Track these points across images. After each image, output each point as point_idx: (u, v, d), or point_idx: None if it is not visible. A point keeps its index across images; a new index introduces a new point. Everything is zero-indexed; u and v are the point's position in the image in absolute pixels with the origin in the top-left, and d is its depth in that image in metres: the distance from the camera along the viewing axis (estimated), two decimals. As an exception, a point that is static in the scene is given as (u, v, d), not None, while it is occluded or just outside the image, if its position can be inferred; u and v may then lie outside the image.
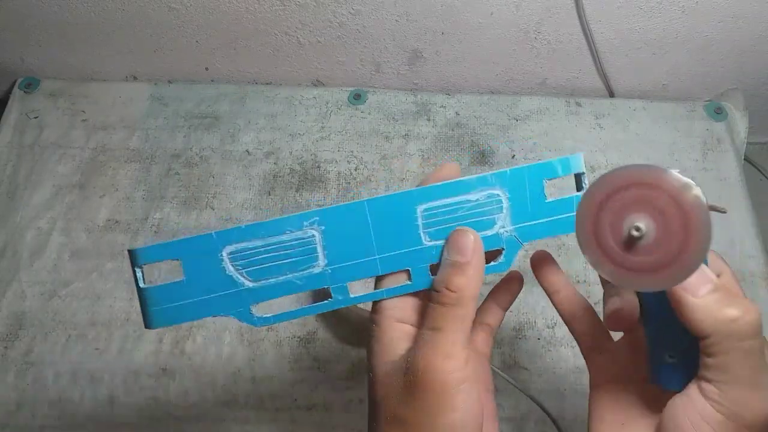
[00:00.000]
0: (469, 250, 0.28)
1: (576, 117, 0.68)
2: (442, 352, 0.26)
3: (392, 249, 0.30)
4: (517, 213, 0.31)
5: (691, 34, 0.62)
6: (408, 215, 0.30)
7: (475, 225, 0.30)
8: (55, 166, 0.63)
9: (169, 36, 0.64)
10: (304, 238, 0.30)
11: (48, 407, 0.52)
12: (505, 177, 0.31)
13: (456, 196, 0.30)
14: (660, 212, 0.25)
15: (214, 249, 0.29)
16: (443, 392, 0.26)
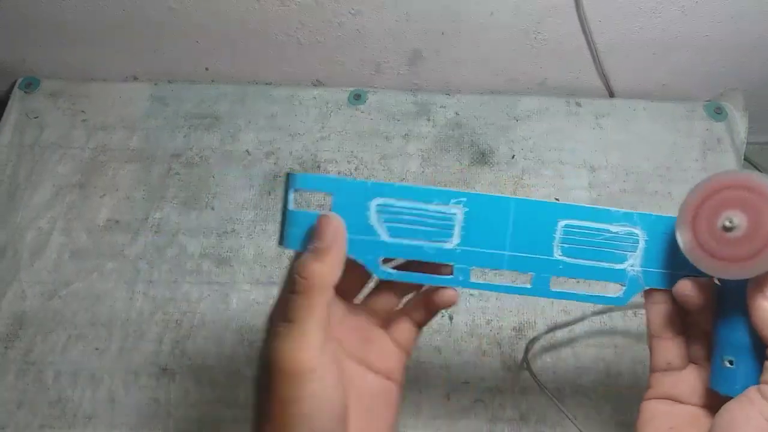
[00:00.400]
0: (329, 237, 0.28)
1: (576, 117, 0.68)
2: (291, 343, 0.26)
3: (523, 251, 0.32)
4: (648, 257, 0.33)
5: (692, 34, 0.62)
6: (549, 225, 0.32)
7: (608, 255, 0.32)
8: (55, 166, 0.63)
9: (170, 36, 0.64)
10: (446, 213, 0.31)
11: (48, 407, 0.52)
12: (648, 220, 0.32)
13: (599, 222, 0.32)
14: (753, 209, 0.28)
15: (364, 196, 0.31)
16: (292, 382, 0.26)
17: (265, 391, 0.27)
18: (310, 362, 0.26)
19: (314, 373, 0.26)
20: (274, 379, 0.26)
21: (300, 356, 0.26)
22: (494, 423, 0.52)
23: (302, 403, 0.26)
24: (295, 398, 0.26)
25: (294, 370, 0.26)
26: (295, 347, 0.26)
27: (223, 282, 0.58)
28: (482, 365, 0.54)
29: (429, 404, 0.52)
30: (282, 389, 0.26)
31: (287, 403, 0.26)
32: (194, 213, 0.61)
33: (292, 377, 0.26)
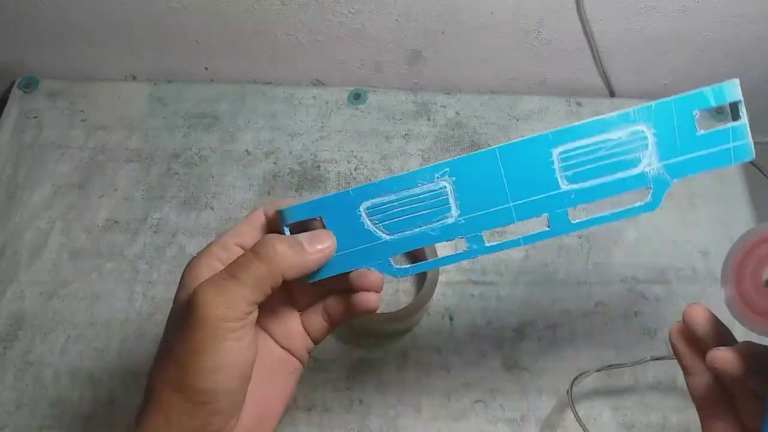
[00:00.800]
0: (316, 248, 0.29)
1: (577, 117, 0.68)
2: (225, 298, 0.27)
3: (527, 195, 0.30)
4: (664, 149, 0.30)
5: (692, 33, 0.62)
6: (543, 159, 0.29)
7: (618, 165, 0.29)
8: (54, 166, 0.63)
9: (169, 36, 0.64)
10: (435, 189, 0.30)
11: (47, 407, 0.52)
12: (650, 112, 0.29)
13: (595, 135, 0.29)
14: None
15: (352, 205, 0.30)
16: (211, 334, 0.26)
17: (177, 332, 0.28)
18: (236, 322, 0.27)
19: (235, 332, 0.27)
20: (194, 325, 0.27)
21: (229, 314, 0.27)
22: (494, 424, 0.52)
23: (215, 356, 0.27)
24: (209, 349, 0.26)
25: (218, 324, 0.26)
26: (228, 304, 0.27)
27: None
28: (482, 366, 0.54)
29: (429, 405, 0.52)
30: (198, 336, 0.27)
31: (199, 352, 0.27)
32: (194, 213, 0.61)
33: (214, 330, 0.26)
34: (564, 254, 0.59)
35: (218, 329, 0.26)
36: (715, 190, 0.63)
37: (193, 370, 0.27)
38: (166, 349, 0.28)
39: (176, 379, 0.27)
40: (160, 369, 0.28)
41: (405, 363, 0.54)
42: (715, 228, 0.61)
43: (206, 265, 0.30)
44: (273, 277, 0.28)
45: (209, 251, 0.30)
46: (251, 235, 0.31)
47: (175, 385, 0.27)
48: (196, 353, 0.27)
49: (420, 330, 0.55)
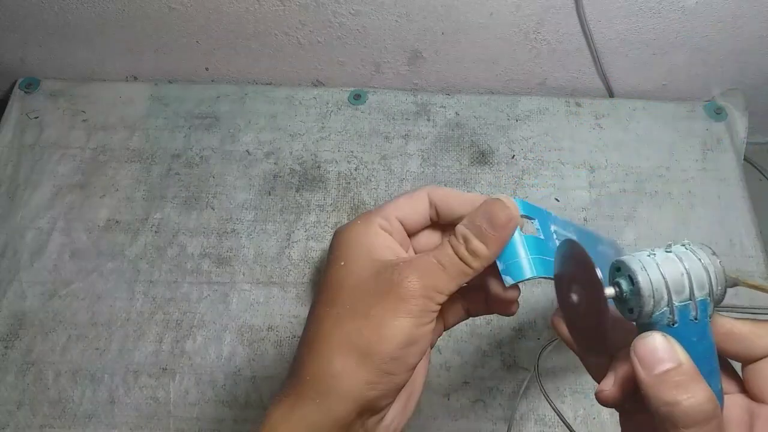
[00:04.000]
0: (501, 224, 0.28)
1: (576, 117, 0.68)
2: (433, 282, 0.27)
3: None
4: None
5: (691, 34, 0.62)
6: None
7: None
8: (55, 166, 0.64)
9: (170, 36, 0.64)
10: None
11: (48, 407, 0.52)
12: None
13: None
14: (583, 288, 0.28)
15: (548, 221, 0.32)
16: (414, 306, 0.27)
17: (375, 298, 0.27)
18: (437, 306, 0.28)
19: (434, 313, 0.28)
20: (404, 295, 0.27)
21: (436, 297, 0.27)
22: (494, 423, 0.52)
23: (416, 329, 0.27)
24: (414, 322, 0.27)
25: (426, 303, 0.27)
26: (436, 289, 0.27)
27: (223, 282, 0.58)
28: (482, 365, 0.54)
29: (429, 404, 0.52)
30: (409, 306, 0.27)
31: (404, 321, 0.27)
32: (194, 213, 0.61)
33: (424, 306, 0.27)
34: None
35: (426, 307, 0.27)
36: (714, 191, 0.63)
37: (393, 338, 0.26)
38: (356, 312, 0.27)
39: (367, 343, 0.26)
40: (338, 329, 0.27)
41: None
42: (714, 228, 0.62)
43: (374, 232, 0.29)
44: (471, 273, 0.28)
45: (371, 219, 0.30)
46: (412, 213, 0.30)
47: (361, 351, 0.26)
48: (399, 319, 0.26)
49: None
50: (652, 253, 0.27)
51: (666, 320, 0.26)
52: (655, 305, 0.25)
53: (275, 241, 0.60)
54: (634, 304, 0.26)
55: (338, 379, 0.26)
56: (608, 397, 0.28)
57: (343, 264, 0.29)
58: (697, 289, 0.26)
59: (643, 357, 0.25)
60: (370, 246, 0.29)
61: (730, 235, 0.61)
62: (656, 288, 0.25)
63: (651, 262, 0.26)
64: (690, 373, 0.24)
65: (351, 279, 0.28)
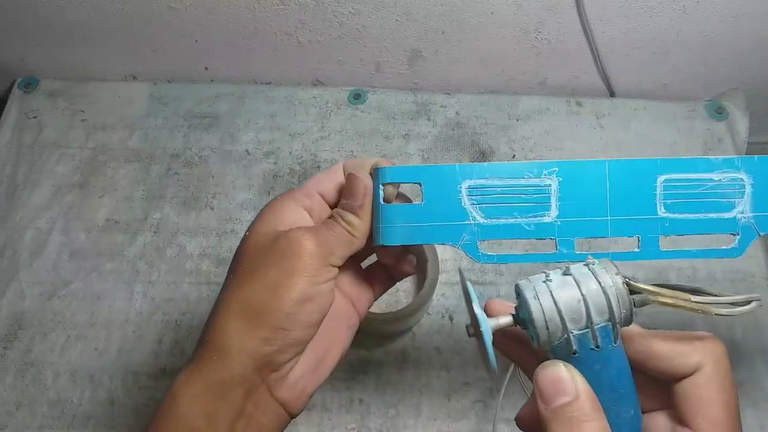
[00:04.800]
0: (359, 193, 0.30)
1: (577, 117, 0.68)
2: (322, 241, 0.29)
3: (626, 213, 0.30)
4: (759, 201, 0.31)
5: (692, 33, 0.62)
6: (647, 183, 0.30)
7: (714, 205, 0.31)
8: (54, 166, 0.63)
9: (169, 35, 0.64)
10: (540, 185, 0.30)
11: (47, 407, 0.52)
12: (753, 163, 0.30)
13: (699, 172, 0.30)
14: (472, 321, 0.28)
15: (454, 180, 0.30)
16: (306, 263, 0.28)
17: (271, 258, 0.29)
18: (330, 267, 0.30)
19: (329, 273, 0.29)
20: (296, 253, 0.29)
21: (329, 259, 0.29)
22: (495, 424, 0.52)
23: (308, 287, 0.28)
24: (305, 280, 0.28)
25: (319, 261, 0.29)
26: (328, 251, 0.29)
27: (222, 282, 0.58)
28: (482, 366, 0.54)
29: (429, 405, 0.52)
30: (299, 265, 0.29)
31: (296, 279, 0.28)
32: (193, 213, 0.61)
33: (315, 264, 0.29)
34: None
35: (315, 263, 0.29)
36: (715, 190, 0.63)
37: (286, 294, 0.28)
38: (251, 274, 0.29)
39: (262, 302, 0.28)
40: (236, 293, 0.29)
41: (405, 363, 0.54)
42: (715, 228, 0.61)
43: (290, 207, 0.31)
44: (357, 241, 0.31)
45: (293, 195, 0.32)
46: (332, 187, 0.33)
47: (258, 307, 0.28)
48: (291, 277, 0.28)
49: (420, 330, 0.55)
50: (547, 279, 0.25)
51: (565, 350, 0.25)
52: (551, 335, 0.24)
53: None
54: (532, 332, 0.25)
55: (233, 336, 0.28)
56: (523, 425, 0.28)
57: (248, 234, 0.31)
58: (596, 314, 0.24)
59: (543, 387, 0.24)
60: (278, 219, 0.31)
61: (731, 235, 0.61)
62: (549, 318, 0.24)
63: (544, 289, 0.25)
64: (586, 407, 0.23)
65: (251, 246, 0.30)
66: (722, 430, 0.25)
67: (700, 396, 0.25)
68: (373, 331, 0.54)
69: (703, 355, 0.26)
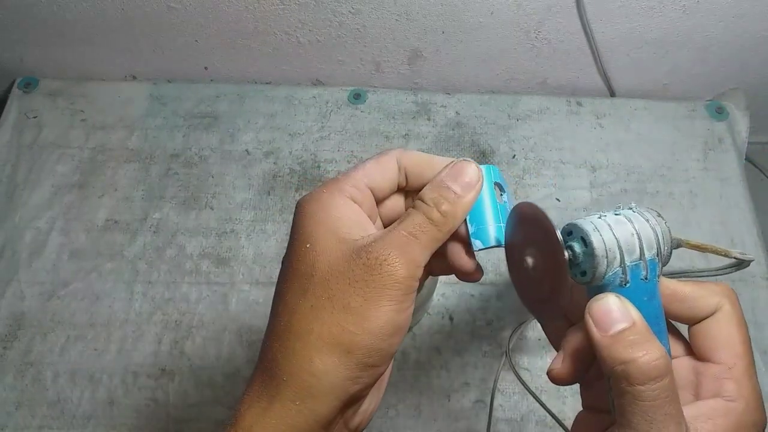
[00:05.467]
0: (469, 183, 0.27)
1: (577, 117, 0.68)
2: (410, 257, 0.26)
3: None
4: None
5: (693, 33, 0.62)
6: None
7: None
8: (54, 166, 0.63)
9: (169, 35, 0.64)
10: None
11: (47, 407, 0.52)
12: None
13: None
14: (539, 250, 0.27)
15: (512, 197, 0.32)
16: (397, 292, 0.25)
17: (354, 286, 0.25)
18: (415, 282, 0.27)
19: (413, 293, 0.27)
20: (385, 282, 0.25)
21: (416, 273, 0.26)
22: (494, 424, 0.52)
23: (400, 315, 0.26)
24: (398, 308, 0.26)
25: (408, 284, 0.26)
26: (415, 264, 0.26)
27: (222, 282, 0.58)
28: (483, 366, 0.54)
29: (429, 405, 0.52)
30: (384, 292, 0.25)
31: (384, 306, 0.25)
32: (193, 213, 0.61)
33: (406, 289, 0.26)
34: (564, 254, 0.59)
35: (406, 289, 0.26)
36: (716, 190, 0.63)
37: (376, 328, 0.25)
38: (334, 304, 0.25)
39: (350, 338, 0.25)
40: (315, 323, 0.25)
41: (405, 363, 0.54)
42: (715, 228, 0.61)
43: (344, 204, 0.27)
44: (443, 238, 0.27)
45: (341, 186, 0.28)
46: (382, 180, 0.29)
47: (344, 346, 0.25)
48: (380, 310, 0.25)
49: (420, 330, 0.55)
50: (603, 215, 0.27)
51: (618, 281, 0.26)
52: (608, 266, 0.26)
53: (275, 241, 0.60)
54: (588, 266, 0.26)
55: (320, 378, 0.25)
56: (560, 374, 0.28)
57: (309, 246, 0.26)
58: (647, 249, 0.26)
59: (598, 318, 0.25)
60: (336, 222, 0.27)
61: (731, 234, 0.61)
62: (609, 248, 0.26)
63: (603, 223, 0.26)
64: (643, 331, 0.24)
65: (321, 265, 0.26)
66: (743, 362, 0.26)
67: (721, 331, 0.27)
68: (373, 331, 0.54)
69: (722, 296, 0.27)
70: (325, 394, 0.25)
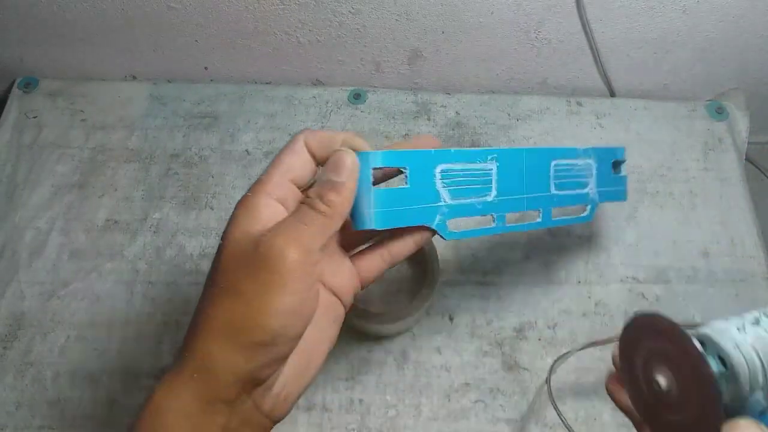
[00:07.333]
0: (346, 171, 0.30)
1: (577, 117, 0.68)
2: (299, 242, 0.28)
3: (533, 191, 0.37)
4: (599, 179, 0.42)
5: (693, 33, 0.62)
6: (546, 167, 0.38)
7: (579, 183, 0.41)
8: (54, 166, 0.63)
9: (169, 35, 0.64)
10: (486, 170, 0.35)
11: (47, 408, 0.52)
12: (595, 152, 0.42)
13: (573, 158, 0.40)
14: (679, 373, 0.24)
15: (431, 164, 0.32)
16: (285, 275, 0.27)
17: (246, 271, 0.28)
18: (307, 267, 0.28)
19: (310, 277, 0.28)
20: (270, 266, 0.27)
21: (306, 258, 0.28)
22: (494, 424, 0.52)
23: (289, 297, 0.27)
24: (285, 291, 0.27)
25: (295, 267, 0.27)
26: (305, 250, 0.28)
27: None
28: (483, 366, 0.54)
29: (429, 405, 0.52)
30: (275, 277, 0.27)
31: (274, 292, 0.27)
32: (193, 213, 0.61)
33: (292, 272, 0.27)
34: (564, 254, 0.59)
35: (296, 272, 0.27)
36: (716, 190, 0.63)
37: (266, 309, 0.27)
38: (229, 290, 0.28)
39: (242, 318, 0.27)
40: (216, 308, 0.28)
41: (405, 363, 0.54)
42: (715, 228, 0.61)
43: (264, 203, 0.30)
44: (335, 224, 0.29)
45: (264, 188, 0.30)
46: (302, 170, 0.31)
47: (236, 327, 0.27)
48: (271, 293, 0.27)
49: (420, 330, 0.55)
50: (741, 327, 0.24)
51: (760, 408, 0.23)
52: (750, 391, 0.22)
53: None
54: (726, 389, 0.23)
55: (216, 356, 0.27)
56: None
57: (223, 242, 0.30)
58: None
59: None
60: (252, 221, 0.29)
61: (731, 235, 0.61)
62: (753, 373, 0.22)
63: (744, 340, 0.23)
64: None
65: (225, 258, 0.29)
66: None
67: None
68: (373, 331, 0.54)
69: None
70: (221, 371, 0.27)
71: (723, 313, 0.32)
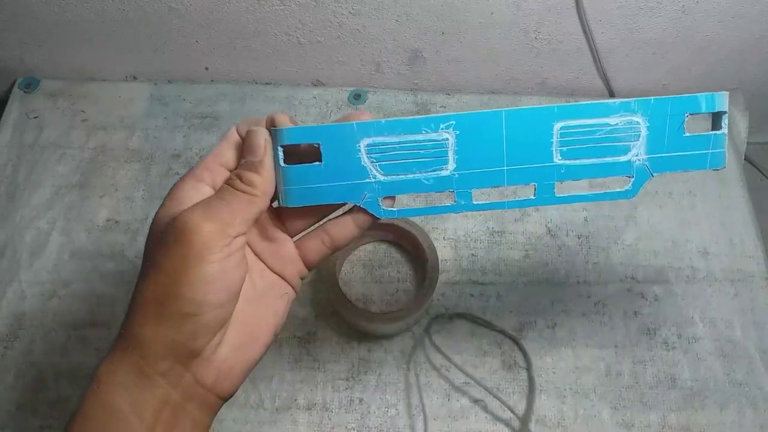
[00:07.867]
0: (259, 150, 0.30)
1: (576, 117, 0.68)
2: (215, 216, 0.28)
3: (522, 162, 0.31)
4: (653, 143, 0.31)
5: (692, 33, 0.62)
6: (544, 131, 0.30)
7: (609, 149, 0.31)
8: (54, 166, 0.63)
9: (169, 36, 0.64)
10: (438, 140, 0.30)
11: (48, 408, 0.52)
12: (648, 105, 0.31)
13: (596, 117, 0.30)
14: None
15: (352, 139, 0.30)
16: (200, 246, 0.28)
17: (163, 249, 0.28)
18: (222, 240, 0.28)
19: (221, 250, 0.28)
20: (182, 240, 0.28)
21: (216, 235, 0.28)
22: (494, 424, 0.52)
23: (203, 267, 0.28)
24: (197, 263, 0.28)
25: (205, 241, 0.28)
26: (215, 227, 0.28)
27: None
28: (482, 365, 0.54)
29: (429, 405, 0.52)
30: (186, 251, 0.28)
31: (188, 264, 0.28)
32: (194, 213, 0.61)
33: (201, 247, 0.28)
34: (564, 254, 0.59)
35: (210, 242, 0.28)
36: (715, 190, 0.63)
37: (185, 279, 0.28)
38: (151, 266, 0.29)
39: (165, 289, 0.28)
40: (142, 285, 0.29)
41: (405, 363, 0.54)
42: (715, 228, 0.61)
43: (191, 186, 0.31)
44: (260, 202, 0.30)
45: (193, 173, 0.31)
46: (231, 155, 0.32)
47: (161, 297, 0.28)
48: (187, 264, 0.28)
49: (420, 330, 0.56)
50: None
51: None
52: None
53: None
54: None
55: (145, 328, 0.28)
56: None
57: (151, 224, 0.31)
58: None
59: None
60: (179, 202, 0.30)
61: (730, 235, 0.61)
62: None
63: None
64: None
65: (151, 237, 0.30)
66: None
67: None
68: (373, 331, 0.54)
69: None
70: (151, 343, 0.28)
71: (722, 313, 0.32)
